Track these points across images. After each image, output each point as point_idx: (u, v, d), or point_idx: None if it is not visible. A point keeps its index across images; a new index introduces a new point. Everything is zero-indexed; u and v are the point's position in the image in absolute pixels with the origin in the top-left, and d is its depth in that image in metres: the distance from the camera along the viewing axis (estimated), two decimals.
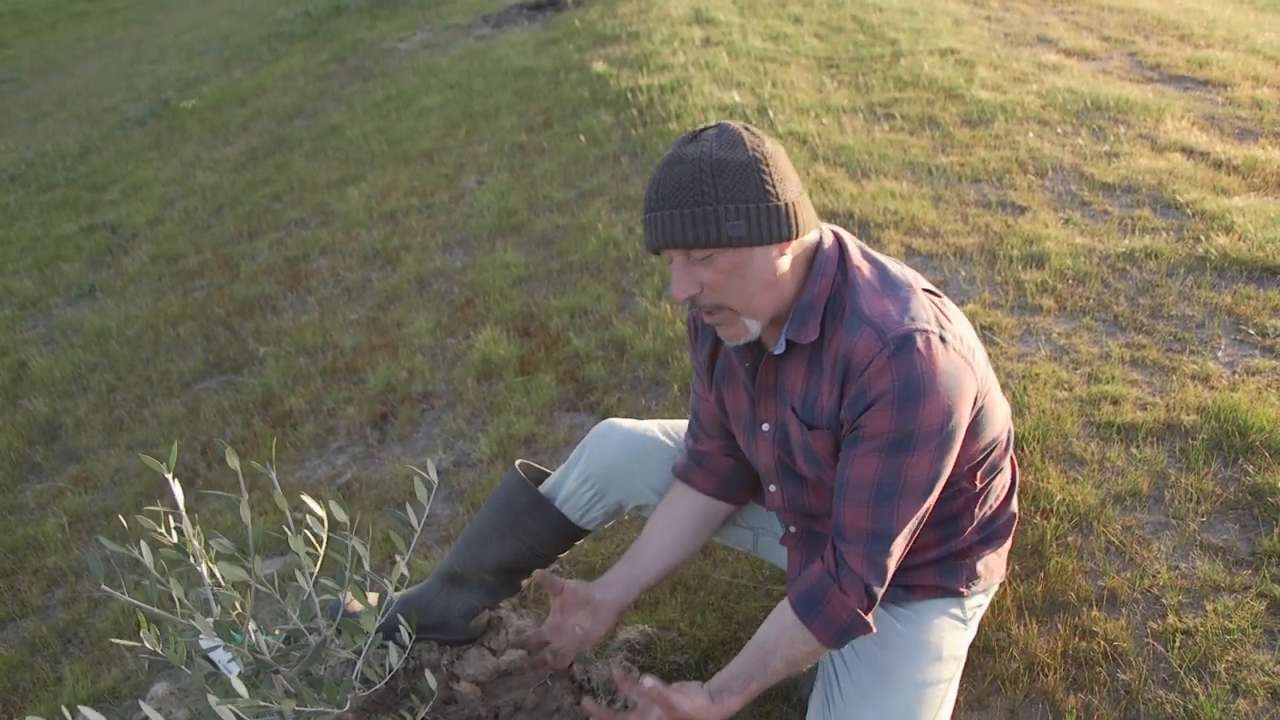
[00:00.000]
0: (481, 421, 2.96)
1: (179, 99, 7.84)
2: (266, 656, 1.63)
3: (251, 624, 1.63)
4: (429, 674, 1.65)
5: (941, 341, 1.43)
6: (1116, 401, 2.46)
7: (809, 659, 1.57)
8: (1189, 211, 3.36)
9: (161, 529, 1.55)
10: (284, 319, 3.95)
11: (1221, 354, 2.62)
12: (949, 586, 1.67)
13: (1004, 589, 1.98)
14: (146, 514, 1.56)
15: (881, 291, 1.48)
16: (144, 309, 4.38)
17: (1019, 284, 3.03)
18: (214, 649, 1.73)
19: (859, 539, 1.49)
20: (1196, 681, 1.76)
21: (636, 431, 1.90)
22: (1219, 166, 3.71)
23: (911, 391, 1.41)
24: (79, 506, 3.15)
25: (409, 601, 1.97)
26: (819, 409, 1.53)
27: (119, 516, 2.94)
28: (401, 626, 1.68)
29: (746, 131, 1.43)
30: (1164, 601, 1.92)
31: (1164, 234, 3.23)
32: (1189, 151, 3.87)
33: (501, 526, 1.92)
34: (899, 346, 1.41)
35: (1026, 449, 2.32)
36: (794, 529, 1.75)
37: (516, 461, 1.97)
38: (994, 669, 1.85)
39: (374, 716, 1.85)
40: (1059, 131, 4.14)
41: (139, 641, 1.47)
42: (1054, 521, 2.11)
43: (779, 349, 1.53)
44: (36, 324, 4.60)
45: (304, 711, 1.54)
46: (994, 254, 3.23)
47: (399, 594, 2.00)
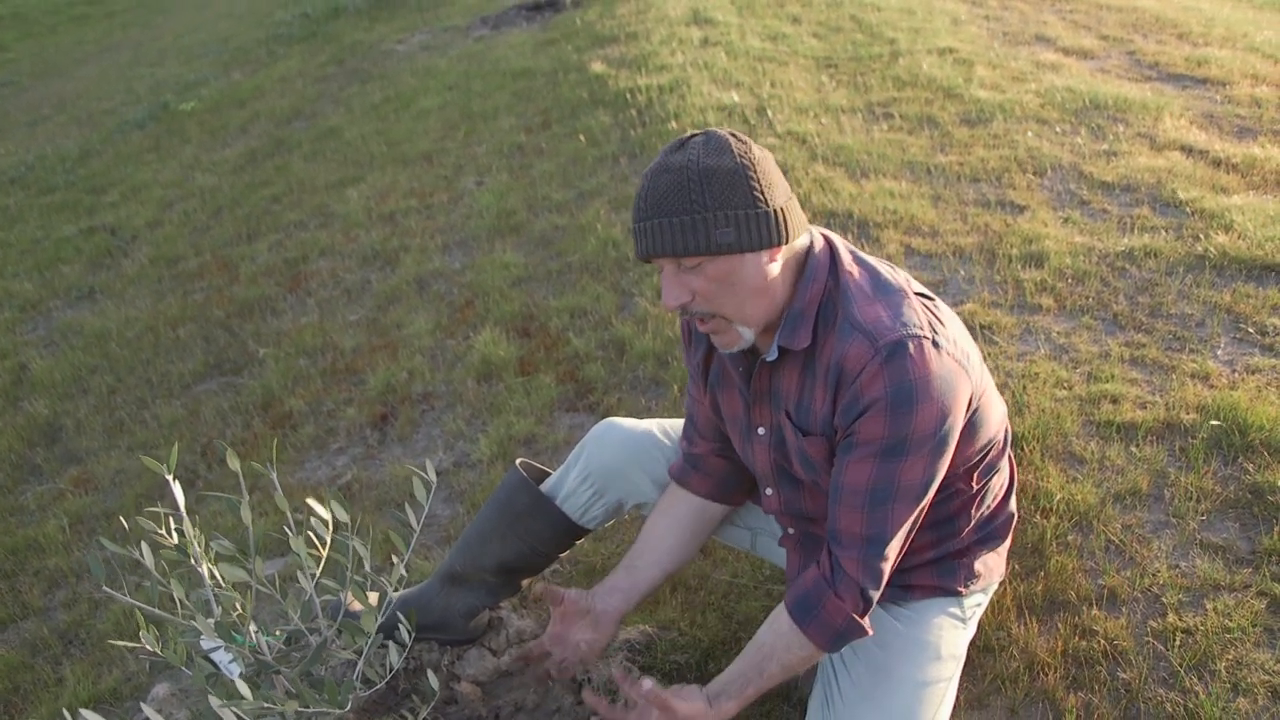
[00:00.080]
0: (481, 422, 2.97)
1: (178, 102, 7.84)
2: (267, 657, 1.63)
3: (252, 625, 1.63)
4: (430, 674, 1.65)
5: (934, 346, 1.42)
6: (1116, 400, 2.46)
7: (805, 663, 1.58)
8: (1188, 210, 3.36)
9: (162, 530, 1.55)
10: (284, 320, 3.96)
11: (1221, 352, 2.62)
12: (947, 586, 1.67)
13: (1004, 588, 1.98)
14: (147, 515, 1.56)
15: (873, 296, 1.47)
16: (144, 311, 4.38)
17: (1018, 283, 3.03)
18: (215, 650, 1.73)
19: (854, 544, 1.49)
20: (1197, 680, 1.76)
21: (636, 431, 1.90)
22: (1218, 165, 3.72)
23: (904, 397, 1.41)
24: (79, 508, 3.16)
25: (409, 601, 1.97)
26: (813, 415, 1.53)
27: (119, 518, 2.94)
28: (401, 626, 1.68)
29: (733, 138, 1.43)
30: (1164, 600, 1.92)
31: (1163, 232, 3.23)
32: (1188, 150, 3.87)
33: (502, 526, 1.92)
34: (891, 353, 1.41)
35: (1026, 448, 2.32)
36: (792, 531, 1.76)
37: (517, 461, 1.97)
38: (994, 668, 1.85)
39: (375, 717, 1.86)
40: (1058, 130, 4.15)
41: (140, 643, 1.47)
42: (1054, 520, 2.11)
43: (772, 355, 1.53)
44: (37, 326, 4.60)
45: (305, 712, 1.54)
46: (993, 253, 3.23)
47: (398, 594, 2.00)
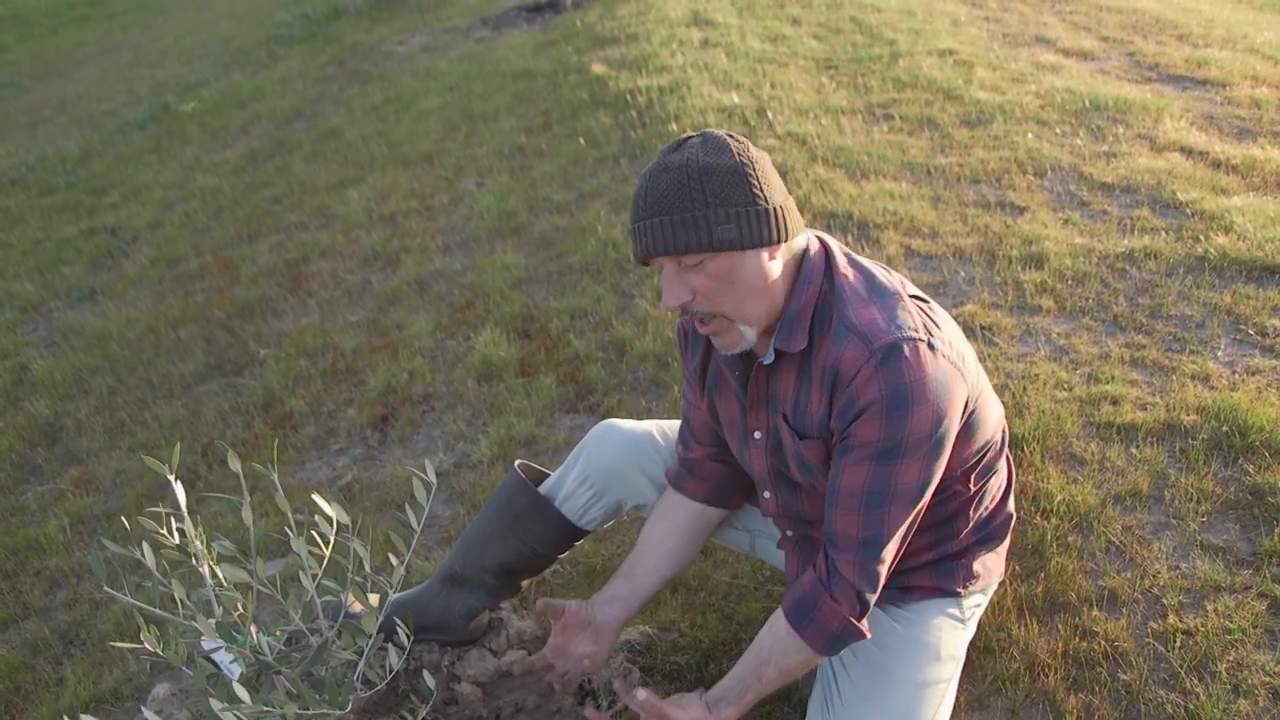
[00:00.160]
0: (482, 423, 2.97)
1: (178, 103, 7.85)
2: (268, 657, 1.64)
3: (252, 625, 1.63)
4: (428, 675, 1.65)
5: (930, 349, 1.43)
6: (1116, 401, 2.46)
7: (803, 667, 1.58)
8: (1188, 211, 3.36)
9: (163, 530, 1.55)
10: (284, 321, 3.96)
11: (1221, 354, 2.62)
12: (946, 587, 1.67)
13: (1004, 589, 1.98)
14: (148, 516, 1.56)
15: (868, 299, 1.48)
16: (145, 312, 4.39)
17: (1018, 284, 3.03)
18: (216, 650, 1.73)
19: (850, 546, 1.49)
20: (1197, 681, 1.76)
21: (635, 432, 1.91)
22: (1218, 166, 3.72)
23: (900, 400, 1.41)
24: (80, 508, 3.16)
25: (408, 603, 1.98)
26: (809, 418, 1.53)
27: (120, 518, 2.95)
28: (399, 627, 1.68)
29: (730, 138, 1.44)
30: (1164, 601, 1.92)
31: (1163, 234, 3.23)
32: (1188, 151, 3.88)
33: (501, 527, 1.92)
34: (886, 356, 1.41)
35: (1026, 449, 2.32)
36: (790, 533, 1.76)
37: (516, 462, 1.97)
38: (994, 669, 1.85)
39: (375, 717, 1.86)
40: (1058, 132, 4.15)
41: (140, 643, 1.48)
42: (1054, 522, 2.12)
43: (768, 359, 1.53)
44: (37, 327, 4.60)
45: (306, 714, 1.54)
46: (993, 254, 3.23)
47: (398, 595, 2.00)
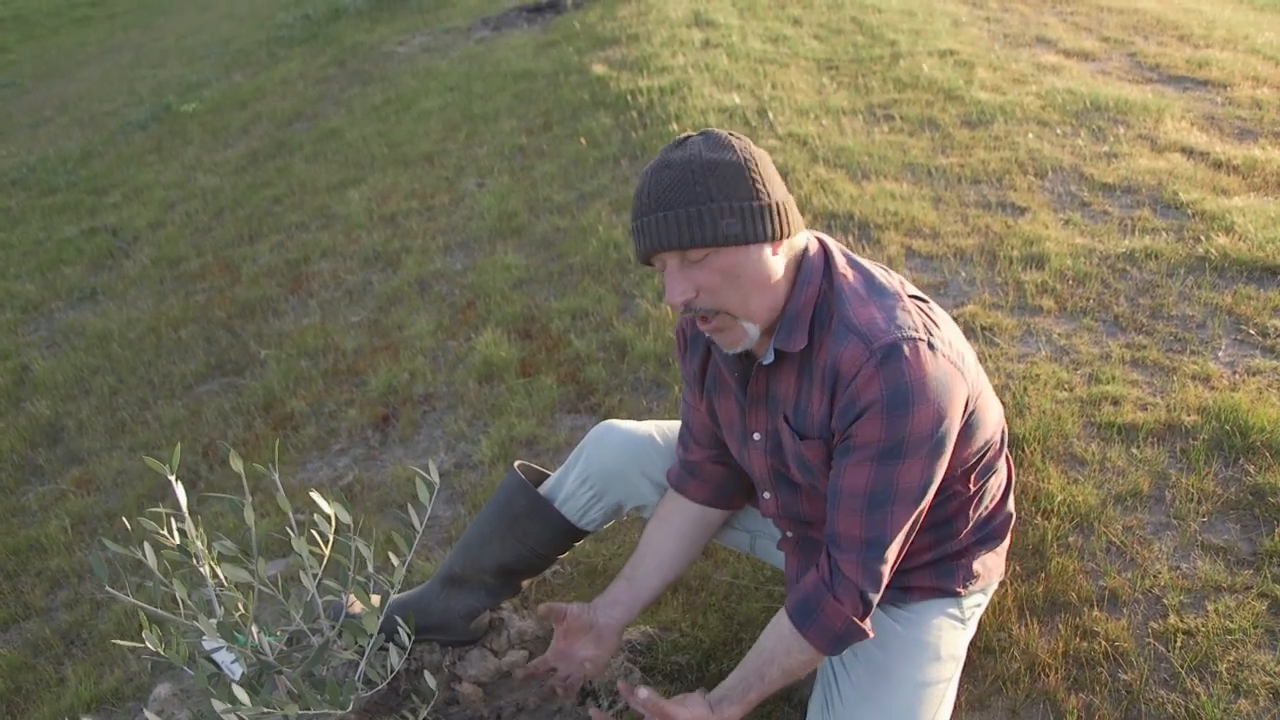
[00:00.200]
0: (483, 423, 2.97)
1: (180, 103, 7.85)
2: (269, 657, 1.64)
3: (254, 625, 1.63)
4: (429, 675, 1.65)
5: (930, 348, 1.43)
6: (1117, 402, 2.46)
7: (806, 667, 1.57)
8: (1189, 212, 3.36)
9: (164, 531, 1.55)
10: (285, 321, 3.96)
11: (1222, 354, 2.62)
12: (946, 587, 1.67)
13: (1005, 589, 1.98)
14: (149, 516, 1.56)
15: (868, 298, 1.48)
16: (145, 312, 4.39)
17: (1019, 285, 3.03)
18: (217, 650, 1.73)
19: (853, 547, 1.49)
20: (1198, 681, 1.76)
21: (635, 433, 1.91)
22: (1219, 167, 3.72)
23: (900, 400, 1.41)
24: (81, 509, 3.16)
25: (409, 603, 1.98)
26: (810, 418, 1.53)
27: (121, 518, 2.95)
28: (400, 627, 1.69)
29: (732, 136, 1.45)
30: (1165, 602, 1.92)
31: (1164, 234, 3.23)
32: (1189, 152, 3.88)
33: (501, 528, 1.92)
34: (886, 356, 1.41)
35: (1027, 449, 2.32)
36: (790, 534, 1.76)
37: (516, 463, 1.97)
38: (995, 669, 1.85)
39: (376, 717, 1.86)
40: (1058, 132, 4.15)
41: (142, 643, 1.48)
42: (1055, 522, 2.12)
43: (768, 359, 1.53)
44: (39, 327, 4.61)
45: (307, 714, 1.54)
46: (994, 255, 3.23)
47: (398, 596, 2.00)
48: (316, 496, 1.66)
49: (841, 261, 1.53)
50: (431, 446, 2.95)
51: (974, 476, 1.61)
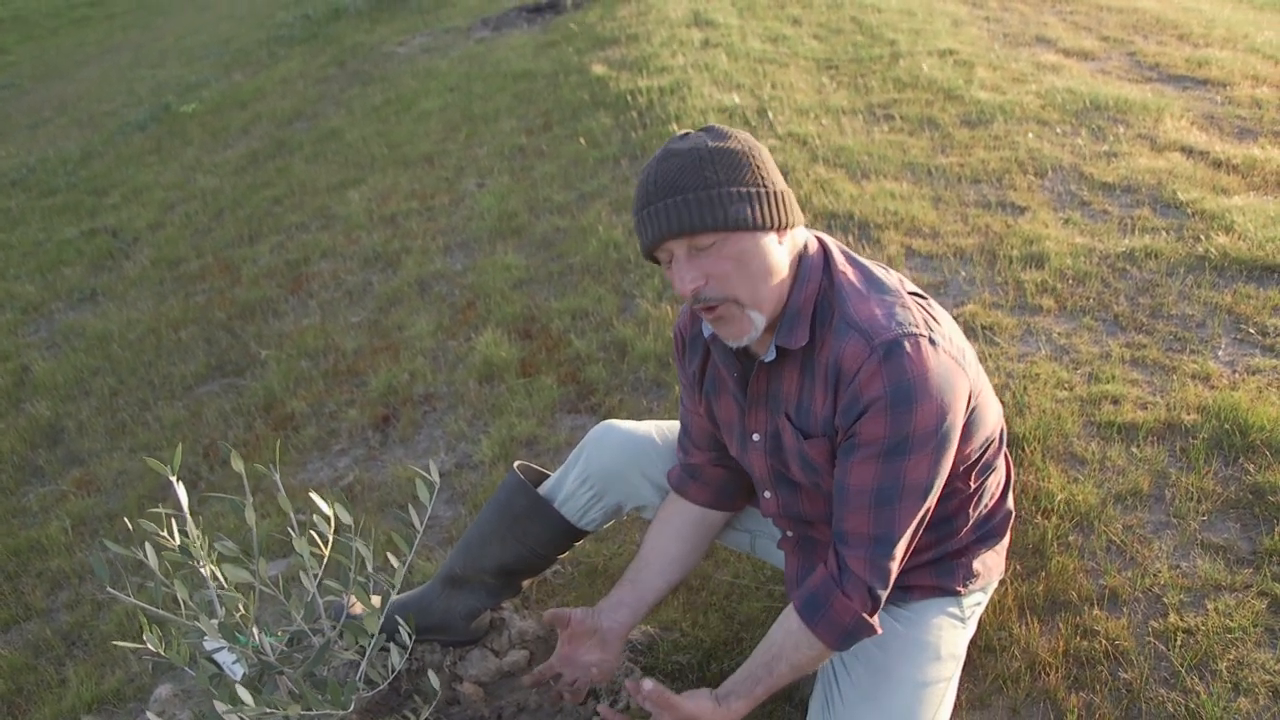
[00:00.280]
0: (483, 423, 2.97)
1: (179, 103, 7.85)
2: (270, 658, 1.64)
3: (254, 626, 1.63)
4: (432, 675, 1.66)
5: (931, 344, 1.43)
6: (1117, 401, 2.46)
7: (814, 662, 1.57)
8: (1189, 211, 3.36)
9: (165, 531, 1.55)
10: (285, 322, 3.96)
11: (1222, 353, 2.62)
12: (946, 586, 1.67)
13: (1005, 588, 1.98)
14: (150, 516, 1.57)
15: (868, 295, 1.48)
16: (145, 313, 4.39)
17: (1019, 284, 3.03)
18: (218, 650, 1.73)
19: (861, 543, 1.49)
20: (1198, 680, 1.76)
21: (635, 433, 1.91)
22: (1218, 166, 3.72)
23: (903, 396, 1.41)
24: (82, 509, 3.16)
25: (409, 604, 1.98)
26: (814, 416, 1.53)
27: (122, 519, 2.95)
28: (401, 627, 1.69)
29: (733, 130, 1.47)
30: (1165, 600, 1.92)
31: (1164, 233, 3.23)
32: (1188, 151, 3.88)
33: (501, 528, 1.93)
34: (888, 352, 1.41)
35: (1027, 449, 2.33)
36: (790, 534, 1.76)
37: (516, 463, 1.97)
38: (995, 668, 1.85)
39: (378, 717, 1.86)
40: (1058, 132, 4.15)
41: (143, 643, 1.48)
42: (1055, 521, 2.12)
43: (769, 356, 1.53)
44: (39, 328, 4.61)
45: (309, 715, 1.54)
46: (994, 254, 3.23)
47: (399, 596, 2.01)
48: (319, 498, 1.66)
49: (840, 259, 1.53)
50: (432, 447, 2.95)
51: (974, 474, 1.62)
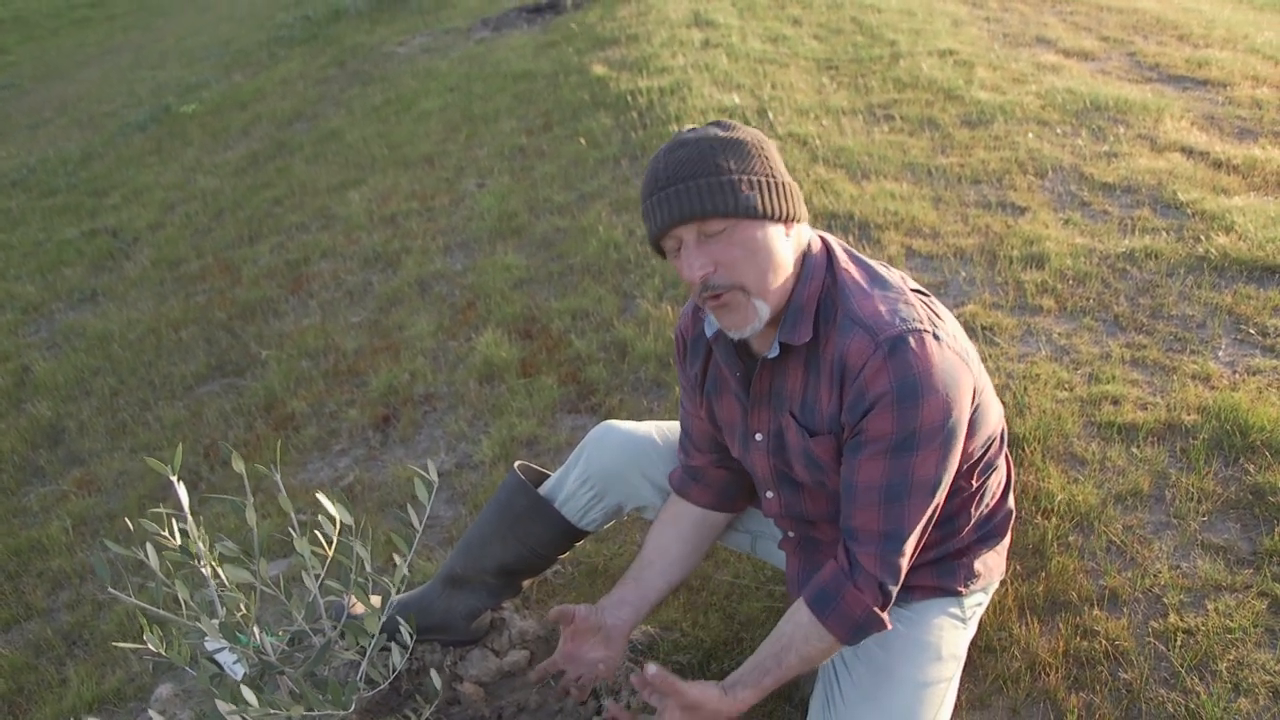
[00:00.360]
0: (483, 423, 2.97)
1: (179, 104, 7.85)
2: (271, 658, 1.64)
3: (255, 626, 1.63)
4: (434, 674, 1.66)
5: (935, 339, 1.44)
6: (1117, 401, 2.46)
7: (824, 655, 1.57)
8: (1189, 211, 3.37)
9: (166, 532, 1.55)
10: (285, 322, 3.96)
11: (1222, 354, 2.62)
12: (947, 586, 1.67)
13: (1005, 588, 1.98)
14: (150, 517, 1.57)
15: (871, 292, 1.49)
16: (146, 313, 4.39)
17: (1019, 284, 3.04)
18: (219, 650, 1.73)
19: (872, 540, 1.49)
20: (1198, 680, 1.76)
21: (635, 433, 1.91)
22: (1219, 166, 3.72)
23: (910, 391, 1.41)
24: (82, 509, 3.16)
25: (410, 604, 1.98)
26: (819, 414, 1.53)
27: (123, 519, 2.95)
28: (402, 627, 1.69)
29: (741, 124, 1.49)
30: (1165, 601, 1.92)
31: (1164, 234, 3.24)
32: (1189, 151, 3.88)
33: (501, 528, 1.93)
34: (893, 348, 1.41)
35: (1027, 449, 2.33)
36: (792, 534, 1.76)
37: (516, 463, 1.98)
38: (996, 668, 1.85)
39: (378, 717, 1.86)
40: (1058, 132, 4.15)
41: (143, 643, 1.48)
42: (1055, 521, 2.12)
43: (773, 353, 1.53)
44: (39, 328, 4.61)
45: (310, 715, 1.55)
46: (994, 254, 3.24)
47: (399, 596, 2.01)
48: (320, 498, 1.66)
49: (843, 257, 1.54)
50: (432, 447, 2.95)
51: (976, 472, 1.62)
